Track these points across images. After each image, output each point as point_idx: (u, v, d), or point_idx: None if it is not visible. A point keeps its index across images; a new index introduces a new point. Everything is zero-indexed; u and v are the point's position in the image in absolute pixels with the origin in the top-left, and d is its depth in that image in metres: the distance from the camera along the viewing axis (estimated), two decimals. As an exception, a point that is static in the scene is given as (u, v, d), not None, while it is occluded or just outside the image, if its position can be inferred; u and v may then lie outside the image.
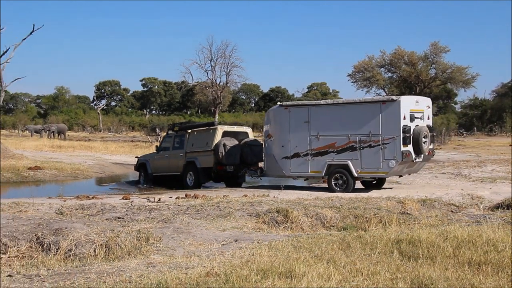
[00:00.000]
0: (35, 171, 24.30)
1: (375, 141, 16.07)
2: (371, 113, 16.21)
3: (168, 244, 8.66)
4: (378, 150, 16.03)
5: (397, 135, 15.75)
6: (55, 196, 15.21)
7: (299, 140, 17.39)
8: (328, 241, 8.53)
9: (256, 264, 6.91)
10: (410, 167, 16.78)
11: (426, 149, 16.34)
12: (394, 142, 15.79)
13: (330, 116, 17.05)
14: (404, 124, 15.77)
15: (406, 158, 15.85)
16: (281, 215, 11.32)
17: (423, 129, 16.14)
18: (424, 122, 16.64)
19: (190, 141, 20.42)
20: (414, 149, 15.99)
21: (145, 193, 17.15)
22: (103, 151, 38.75)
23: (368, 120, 16.19)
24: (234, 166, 19.30)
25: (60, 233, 8.64)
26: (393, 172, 16.26)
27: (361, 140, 16.29)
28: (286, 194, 15.32)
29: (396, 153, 15.79)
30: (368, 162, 16.23)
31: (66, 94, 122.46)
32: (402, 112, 15.71)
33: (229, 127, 20.91)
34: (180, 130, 21.23)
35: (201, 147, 19.86)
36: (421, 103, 16.89)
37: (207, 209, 11.84)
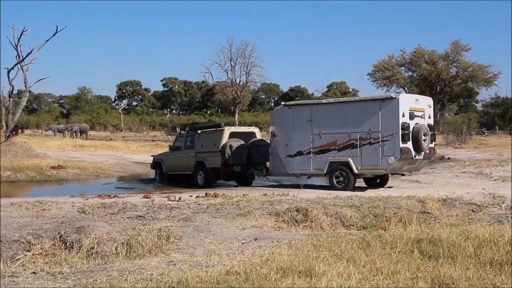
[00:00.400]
0: (58, 170, 24.54)
1: (374, 138, 16.28)
2: (371, 111, 16.44)
3: (188, 242, 8.69)
4: (377, 147, 16.24)
5: (396, 132, 15.93)
6: (77, 195, 15.35)
7: (302, 139, 17.68)
8: (348, 240, 8.49)
9: (276, 262, 6.91)
10: (410, 165, 16.85)
11: (426, 147, 16.51)
12: (393, 139, 15.98)
13: (332, 115, 17.31)
14: (403, 122, 15.94)
15: (405, 155, 16.01)
16: (301, 214, 11.31)
17: (422, 127, 16.29)
18: (425, 121, 16.80)
19: (200, 142, 20.83)
20: (414, 146, 16.19)
21: (165, 192, 17.23)
22: (124, 150, 39.01)
23: (368, 118, 16.42)
24: (241, 166, 19.64)
25: (82, 231, 8.73)
26: (393, 168, 16.38)
27: (361, 137, 16.53)
28: (306, 193, 15.28)
29: (395, 150, 15.97)
30: (368, 159, 16.45)
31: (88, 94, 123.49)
32: (401, 110, 15.92)
33: (236, 128, 21.28)
34: (190, 131, 21.72)
35: (210, 147, 20.26)
36: (422, 102, 17.06)
37: (227, 208, 11.86)
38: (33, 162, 25.90)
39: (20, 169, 23.74)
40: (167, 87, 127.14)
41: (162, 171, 22.34)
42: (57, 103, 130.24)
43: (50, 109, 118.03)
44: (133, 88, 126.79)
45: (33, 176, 23.40)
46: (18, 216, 10.36)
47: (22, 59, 30.42)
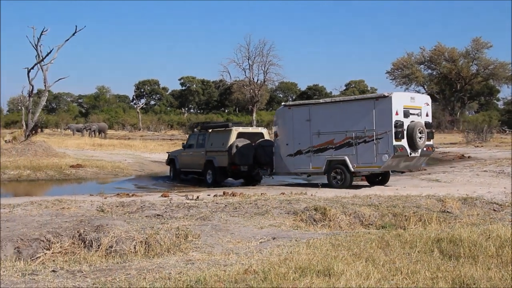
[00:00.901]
0: (77, 169, 24.75)
1: (369, 137, 16.61)
2: (365, 110, 16.75)
3: (206, 241, 8.71)
4: (372, 145, 16.55)
5: (389, 130, 16.21)
6: (96, 194, 15.46)
7: (302, 138, 18.14)
8: (367, 239, 8.44)
9: (294, 262, 6.89)
10: (407, 162, 17.07)
11: (422, 145, 16.74)
12: (387, 137, 16.25)
13: (329, 114, 17.70)
14: (397, 120, 16.22)
15: (399, 153, 16.27)
16: (319, 213, 11.27)
17: (417, 125, 16.53)
18: (422, 119, 17.02)
19: (210, 141, 21.34)
20: (409, 144, 16.47)
21: (183, 190, 17.30)
22: (142, 149, 39.21)
23: (363, 117, 16.74)
24: (248, 166, 20.13)
25: (101, 230, 8.79)
26: (387, 166, 16.61)
27: (356, 136, 16.89)
28: (324, 192, 15.24)
29: (389, 148, 16.24)
30: (363, 157, 16.77)
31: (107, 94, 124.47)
32: (394, 108, 16.19)
33: (244, 128, 21.62)
34: (202, 129, 22.33)
35: (218, 147, 20.75)
36: (418, 100, 17.30)
37: (245, 207, 11.86)
38: (52, 161, 26.15)
39: (40, 168, 23.98)
40: (185, 86, 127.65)
41: (176, 167, 23.08)
42: (76, 103, 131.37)
43: (69, 108, 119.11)
44: (151, 87, 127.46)
45: (52, 175, 23.62)
46: (38, 214, 10.47)
47: (42, 59, 30.69)
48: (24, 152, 28.02)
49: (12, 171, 23.22)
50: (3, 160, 25.37)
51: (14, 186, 21.37)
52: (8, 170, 23.32)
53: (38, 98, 39.47)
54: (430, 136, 17.18)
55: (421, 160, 17.69)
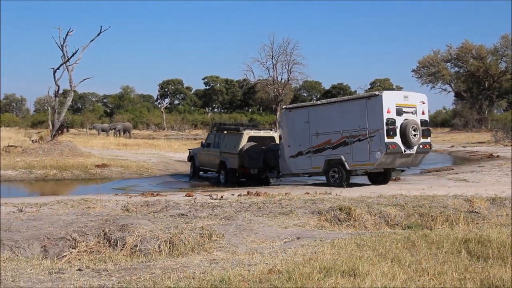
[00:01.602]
0: (102, 169, 24.99)
1: (363, 135, 17.05)
2: (359, 109, 17.21)
3: (230, 241, 8.72)
4: (366, 143, 16.98)
5: (381, 128, 16.61)
6: (121, 193, 15.59)
7: (302, 139, 18.71)
8: (392, 239, 8.38)
9: (319, 262, 6.87)
10: (403, 159, 17.38)
11: (416, 142, 17.07)
12: (379, 135, 16.66)
13: (326, 115, 18.25)
14: (388, 117, 16.60)
15: (391, 150, 16.64)
16: (344, 213, 11.22)
17: (410, 122, 16.89)
18: (418, 117, 17.39)
19: (224, 142, 22.14)
20: (402, 141, 16.85)
21: (207, 190, 17.37)
22: (166, 149, 39.42)
23: (357, 116, 17.19)
24: (258, 169, 20.74)
25: (126, 229, 8.86)
26: (381, 163, 16.97)
27: (351, 135, 17.37)
28: (349, 192, 15.17)
29: (381, 145, 16.64)
30: (358, 155, 17.22)
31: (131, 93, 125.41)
32: (385, 106, 16.59)
33: (256, 131, 22.06)
34: (218, 130, 23.20)
35: (230, 149, 21.49)
36: (413, 98, 17.61)
37: (269, 207, 11.85)
38: (78, 160, 26.45)
39: (66, 168, 24.26)
40: (208, 85, 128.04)
41: (195, 164, 24.16)
42: (101, 102, 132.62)
43: (94, 108, 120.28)
44: (175, 87, 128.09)
45: (78, 174, 23.88)
46: (64, 213, 10.60)
47: (67, 59, 31.04)
48: (51, 152, 28.39)
49: (39, 171, 23.54)
50: (30, 160, 25.74)
51: (41, 185, 21.66)
52: (35, 169, 23.64)
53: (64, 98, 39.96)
54: (427, 134, 17.51)
55: (419, 157, 17.90)
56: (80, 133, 71.89)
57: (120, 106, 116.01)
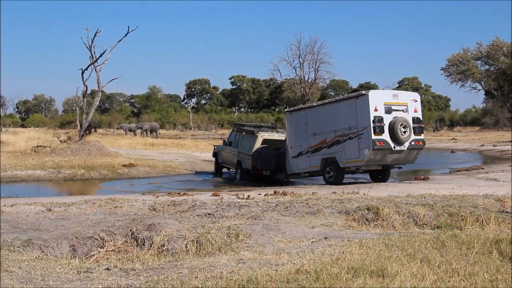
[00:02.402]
0: (129, 168, 25.21)
1: (353, 133, 17.83)
2: (349, 108, 18.06)
3: (257, 240, 8.71)
4: (356, 140, 17.74)
5: (368, 126, 17.34)
6: (148, 193, 15.69)
7: (302, 140, 19.71)
8: (421, 239, 8.29)
9: (347, 262, 6.82)
10: (394, 155, 18.00)
11: (406, 139, 17.70)
12: (367, 132, 17.38)
13: (321, 116, 19.19)
14: (375, 115, 17.30)
15: (378, 146, 17.32)
16: (372, 212, 11.13)
17: (400, 120, 17.53)
18: (409, 115, 18.00)
19: (242, 143, 23.11)
20: (391, 138, 17.52)
21: (234, 190, 17.40)
22: (193, 148, 39.60)
23: (347, 115, 18.00)
24: (270, 171, 21.71)
25: (153, 229, 8.92)
26: (370, 159, 17.67)
27: (343, 134, 18.18)
28: (376, 191, 15.05)
29: (369, 142, 17.38)
30: (349, 153, 18.00)
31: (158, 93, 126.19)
32: (371, 104, 17.32)
33: (270, 134, 22.85)
34: (237, 131, 24.18)
35: (246, 150, 22.51)
36: (403, 97, 18.38)
37: (296, 206, 11.82)
38: (105, 160, 26.73)
39: (93, 168, 24.54)
40: (235, 85, 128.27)
41: (218, 161, 25.43)
42: (128, 103, 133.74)
43: (122, 108, 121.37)
44: (201, 86, 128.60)
45: (105, 174, 24.12)
46: (92, 213, 10.71)
47: (95, 60, 31.39)
48: (79, 152, 28.74)
49: (67, 170, 23.84)
50: (59, 160, 26.09)
51: (69, 185, 21.94)
52: (63, 169, 23.96)
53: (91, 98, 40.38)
54: (419, 131, 18.16)
55: (412, 154, 18.45)
56: (108, 133, 72.61)
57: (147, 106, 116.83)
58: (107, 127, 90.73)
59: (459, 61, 75.03)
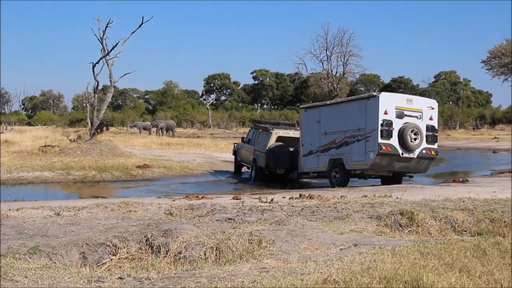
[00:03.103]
0: (144, 170, 25.36)
1: (361, 135, 18.40)
2: (359, 109, 18.65)
3: (281, 247, 8.71)
4: (363, 143, 18.31)
5: (376, 128, 17.85)
6: (164, 196, 15.77)
7: (313, 139, 20.37)
8: (460, 247, 8.23)
9: (379, 271, 6.79)
10: (402, 163, 18.46)
11: (416, 146, 18.18)
12: (374, 135, 17.90)
13: (333, 115, 19.83)
14: (384, 119, 17.84)
15: (384, 151, 17.79)
16: (405, 217, 11.07)
17: (411, 126, 18.04)
18: (423, 122, 18.53)
19: (258, 140, 23.90)
20: (400, 144, 18.02)
21: (256, 192, 17.44)
22: (212, 148, 39.73)
23: (357, 116, 18.58)
24: (284, 169, 22.37)
25: (169, 235, 8.95)
26: (375, 164, 18.14)
27: (352, 135, 18.76)
28: (411, 195, 14.97)
29: (375, 145, 17.90)
30: (356, 155, 18.58)
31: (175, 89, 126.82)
32: (381, 107, 17.87)
33: (285, 132, 23.49)
34: (255, 128, 25.08)
35: (260, 148, 23.23)
36: (418, 103, 18.87)
37: (323, 211, 11.80)
38: (118, 161, 26.92)
39: (105, 169, 24.73)
40: (257, 80, 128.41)
41: (237, 160, 26.54)
42: (142, 99, 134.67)
43: (135, 105, 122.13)
44: (221, 81, 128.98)
45: (118, 176, 24.29)
46: (104, 218, 10.78)
47: (107, 53, 31.59)
48: (89, 152, 29.00)
49: (77, 172, 24.06)
50: (68, 160, 26.33)
51: (79, 187, 22.14)
52: (73, 170, 24.18)
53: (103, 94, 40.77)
54: (432, 140, 18.63)
55: (423, 163, 18.87)
56: (121, 132, 73.18)
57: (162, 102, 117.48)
58: (120, 125, 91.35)
59: (501, 53, 74.20)
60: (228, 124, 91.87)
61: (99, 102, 35.03)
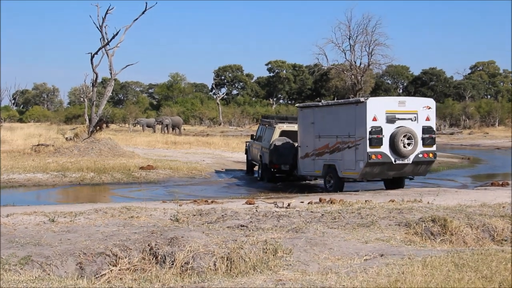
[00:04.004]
0: (148, 171, 25.42)
1: (352, 142, 18.90)
2: (349, 114, 19.26)
3: (299, 257, 8.70)
4: (354, 150, 18.83)
5: (364, 136, 18.32)
6: (169, 200, 15.79)
7: (308, 141, 21.00)
8: (500, 258, 8.18)
9: (408, 284, 6.77)
10: (396, 170, 18.96)
11: (410, 152, 18.55)
12: (363, 143, 18.37)
13: (326, 118, 20.38)
14: (373, 126, 18.27)
15: (374, 160, 18.25)
16: (438, 225, 11.04)
17: (402, 131, 18.42)
18: (419, 124, 18.90)
19: (264, 136, 24.57)
20: (392, 150, 18.42)
21: (271, 197, 17.44)
22: (223, 147, 39.77)
23: (347, 121, 19.17)
24: (290, 165, 22.63)
25: (175, 243, 8.97)
26: (365, 173, 18.73)
27: (343, 141, 19.29)
28: (443, 199, 14.93)
29: (364, 154, 18.37)
30: (347, 163, 19.12)
31: (182, 82, 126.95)
32: (369, 114, 18.30)
33: (289, 126, 23.85)
34: (262, 124, 25.83)
35: (265, 144, 23.85)
36: (412, 104, 19.26)
37: (346, 217, 11.79)
38: (119, 161, 26.99)
39: (105, 170, 24.80)
40: (273, 72, 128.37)
41: (248, 158, 27.39)
42: (146, 93, 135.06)
43: (138, 100, 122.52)
44: (233, 74, 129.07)
45: (119, 178, 24.35)
46: (103, 224, 10.82)
47: (107, 42, 31.65)
48: (88, 152, 29.11)
49: (74, 174, 24.15)
50: (64, 161, 26.45)
51: (77, 191, 22.22)
52: (70, 172, 24.27)
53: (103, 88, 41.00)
54: (429, 142, 18.98)
55: (421, 167, 19.36)
56: (122, 129, 73.40)
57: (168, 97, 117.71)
58: (121, 122, 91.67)
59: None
60: (240, 121, 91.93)
61: (98, 97, 35.21)
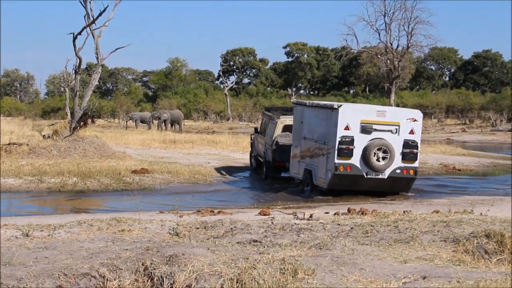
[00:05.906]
0: (142, 176, 25.41)
1: (325, 150, 20.42)
2: (326, 120, 20.75)
3: (324, 280, 8.69)
4: (325, 159, 20.33)
5: (333, 146, 19.83)
6: (167, 210, 15.80)
7: (298, 141, 22.54)
8: None
9: (456, 313, 6.73)
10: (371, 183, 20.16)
11: (384, 166, 19.88)
12: (333, 153, 19.87)
13: (312, 119, 21.88)
14: (344, 135, 19.71)
15: (341, 171, 19.75)
16: (493, 241, 10.98)
17: (376, 144, 19.79)
18: (400, 137, 20.15)
19: (267, 130, 26.05)
20: (365, 163, 19.85)
21: (290, 206, 17.41)
22: (231, 147, 39.76)
23: (325, 127, 20.66)
24: None
25: (175, 262, 8.97)
26: (334, 184, 20.17)
27: (319, 147, 20.84)
28: (500, 210, 14.87)
29: (332, 165, 19.89)
30: (320, 171, 20.69)
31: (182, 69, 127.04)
32: (341, 122, 19.74)
33: (291, 119, 24.31)
34: (264, 116, 27.40)
35: (268, 139, 25.45)
36: (394, 115, 20.65)
37: (380, 231, 11.77)
38: (107, 164, 27.00)
39: (90, 174, 24.78)
40: (292, 56, 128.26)
41: (252, 154, 29.04)
42: (140, 82, 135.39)
43: (131, 90, 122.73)
44: (244, 59, 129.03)
45: (107, 183, 24.34)
46: (88, 239, 10.84)
47: (93, 21, 31.49)
48: (69, 152, 29.11)
49: (52, 179, 24.11)
50: (41, 163, 26.48)
51: (56, 199, 22.24)
52: (48, 177, 24.24)
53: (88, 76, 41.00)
54: (410, 158, 20.19)
55: (400, 183, 20.60)
56: (111, 125, 73.67)
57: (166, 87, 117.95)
58: (110, 116, 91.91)
59: None
60: (252, 115, 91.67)
61: (82, 86, 35.24)
